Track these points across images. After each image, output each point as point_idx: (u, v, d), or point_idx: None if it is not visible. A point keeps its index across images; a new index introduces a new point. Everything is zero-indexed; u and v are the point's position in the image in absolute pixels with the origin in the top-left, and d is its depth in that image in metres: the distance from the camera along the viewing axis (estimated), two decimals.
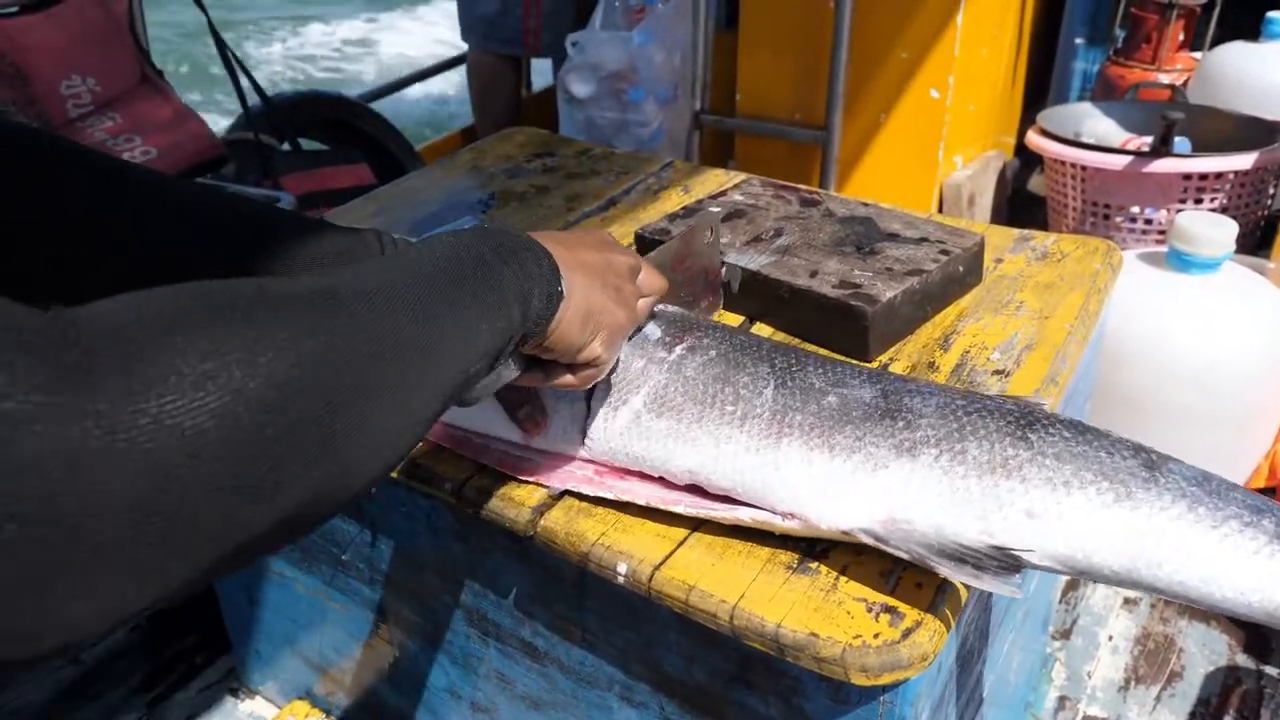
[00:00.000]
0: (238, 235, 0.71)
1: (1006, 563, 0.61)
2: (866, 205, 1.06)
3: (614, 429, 0.71)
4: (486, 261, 0.54)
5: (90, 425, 0.31)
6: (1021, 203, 2.71)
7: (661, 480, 0.72)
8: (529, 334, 0.57)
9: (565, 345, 0.60)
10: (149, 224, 0.68)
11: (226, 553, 0.37)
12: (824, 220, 1.02)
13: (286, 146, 2.37)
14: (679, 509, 0.70)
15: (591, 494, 0.73)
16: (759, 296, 0.94)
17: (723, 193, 1.09)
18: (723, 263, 0.95)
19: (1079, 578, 0.64)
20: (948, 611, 0.63)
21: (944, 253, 0.95)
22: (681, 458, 0.69)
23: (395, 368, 0.44)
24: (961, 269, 0.96)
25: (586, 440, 0.72)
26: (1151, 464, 0.64)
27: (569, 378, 0.64)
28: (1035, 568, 0.63)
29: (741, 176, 1.20)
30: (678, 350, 0.73)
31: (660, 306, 0.80)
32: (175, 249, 0.70)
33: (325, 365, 0.40)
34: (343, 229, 0.75)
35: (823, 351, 0.90)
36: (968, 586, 0.66)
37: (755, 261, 0.94)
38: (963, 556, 0.61)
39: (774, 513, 0.67)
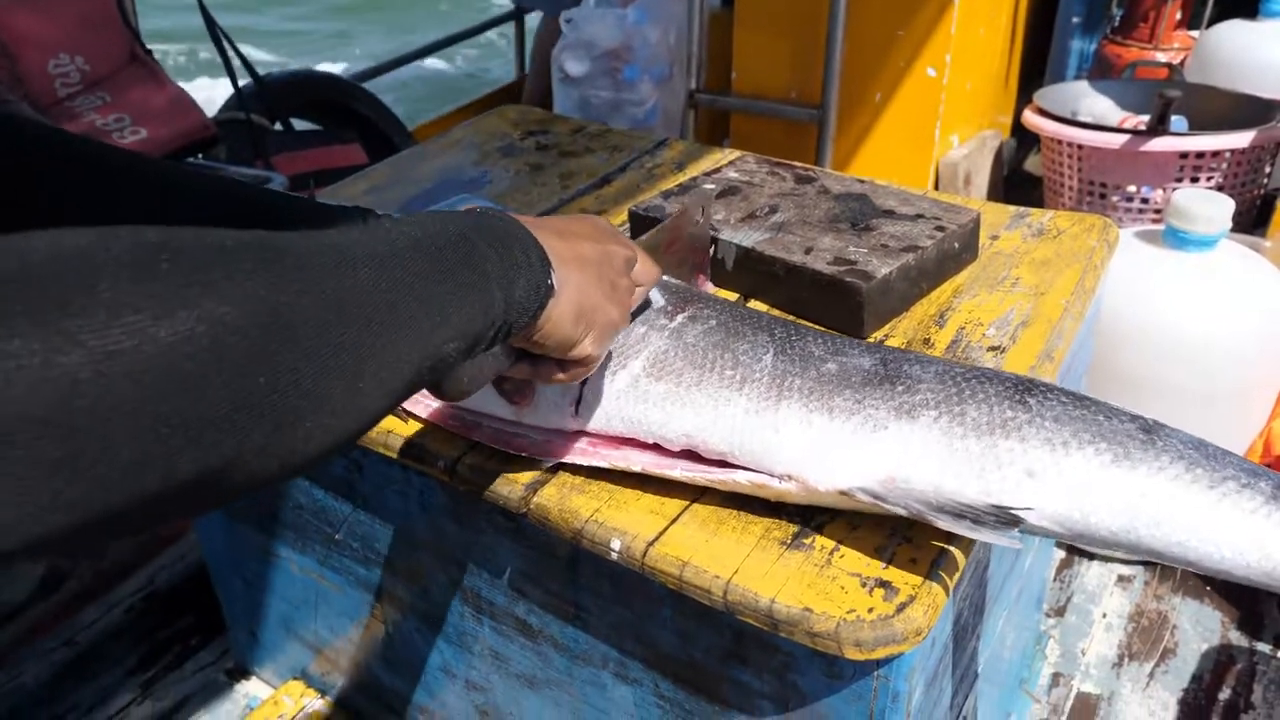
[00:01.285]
0: (221, 216, 0.70)
1: (1005, 519, 0.61)
2: (862, 182, 1.05)
3: (611, 393, 0.71)
4: (469, 240, 0.51)
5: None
6: (1018, 182, 2.71)
7: (656, 447, 0.71)
8: (513, 324, 0.54)
9: (556, 341, 0.58)
10: (130, 208, 0.68)
11: (145, 491, 0.35)
12: (819, 197, 1.01)
13: (279, 126, 2.35)
14: (675, 474, 0.70)
15: (586, 465, 0.72)
16: (753, 273, 0.93)
17: (717, 169, 1.08)
18: (715, 240, 0.94)
19: (1077, 542, 0.64)
20: (942, 586, 0.63)
21: (939, 229, 0.94)
22: (679, 420, 0.69)
23: (349, 331, 0.42)
24: (957, 245, 0.96)
25: (581, 406, 0.72)
26: (1149, 428, 0.64)
27: (559, 374, 0.63)
28: (1033, 530, 0.63)
29: (737, 153, 1.20)
30: (679, 318, 0.73)
31: (663, 277, 0.80)
32: None
33: (267, 312, 0.38)
34: (332, 207, 0.74)
35: (819, 328, 0.90)
36: (965, 553, 0.66)
37: (749, 238, 0.94)
38: (961, 513, 0.61)
39: (771, 475, 0.67)
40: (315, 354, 0.40)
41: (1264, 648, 1.31)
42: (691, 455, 0.70)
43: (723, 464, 0.69)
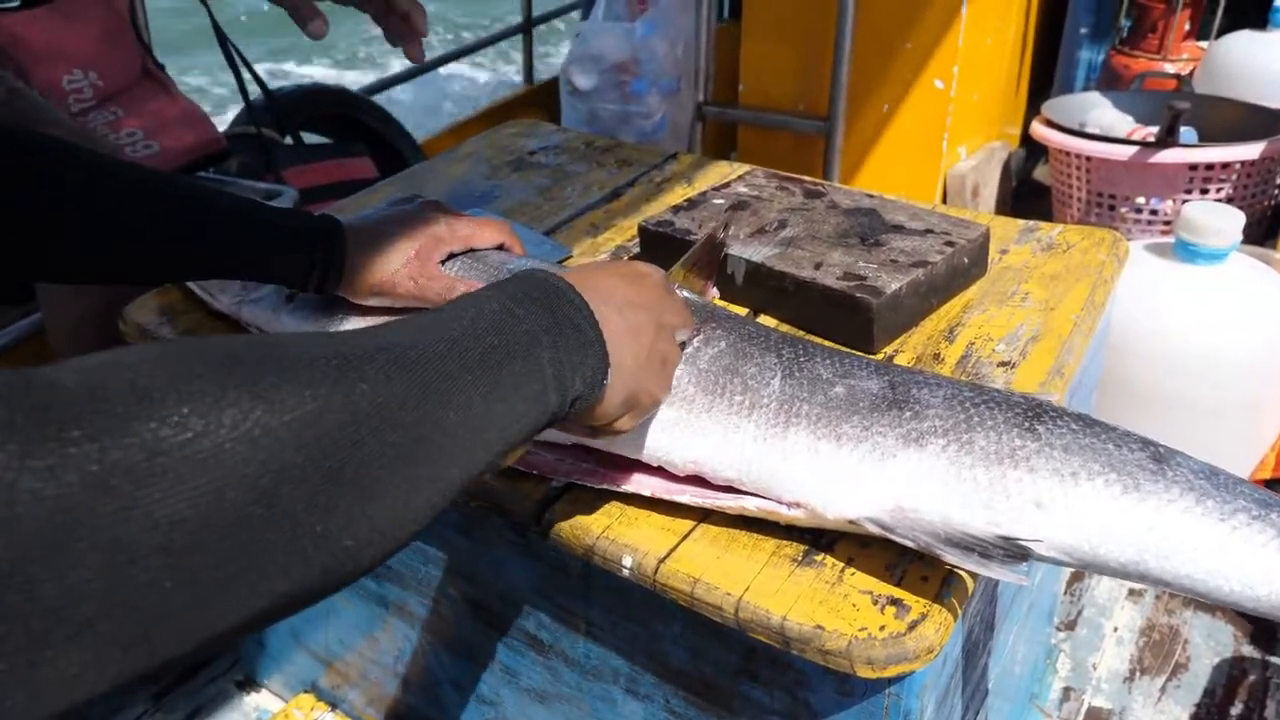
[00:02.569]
0: (179, 218, 0.71)
1: (1013, 552, 0.60)
2: (871, 196, 1.05)
3: None
4: (536, 340, 0.50)
5: (52, 502, 0.28)
6: (1026, 194, 2.70)
7: (662, 471, 0.71)
8: (564, 417, 0.54)
9: (597, 420, 0.59)
10: (106, 214, 0.69)
11: (185, 649, 0.33)
12: (828, 212, 1.01)
13: (289, 140, 2.36)
14: (684, 499, 0.70)
15: (595, 486, 0.72)
16: (763, 288, 0.94)
17: (726, 184, 1.09)
18: (726, 254, 0.95)
19: (1086, 570, 0.64)
20: (953, 604, 0.63)
21: (949, 244, 0.94)
22: (687, 447, 0.69)
23: (409, 464, 0.40)
24: (967, 260, 0.96)
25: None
26: (1159, 457, 0.63)
27: (589, 439, 0.63)
28: (1042, 559, 0.63)
29: (746, 168, 1.20)
30: (694, 342, 0.73)
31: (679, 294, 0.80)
32: (143, 242, 0.72)
33: (330, 454, 0.36)
34: (291, 214, 0.77)
35: (827, 344, 0.90)
36: (974, 577, 0.65)
37: (759, 253, 0.94)
38: (969, 545, 0.60)
39: (780, 502, 0.67)
40: (380, 495, 0.39)
41: (1277, 661, 1.30)
42: (699, 480, 0.70)
43: (731, 489, 0.69)
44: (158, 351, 0.35)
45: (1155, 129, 2.09)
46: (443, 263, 0.81)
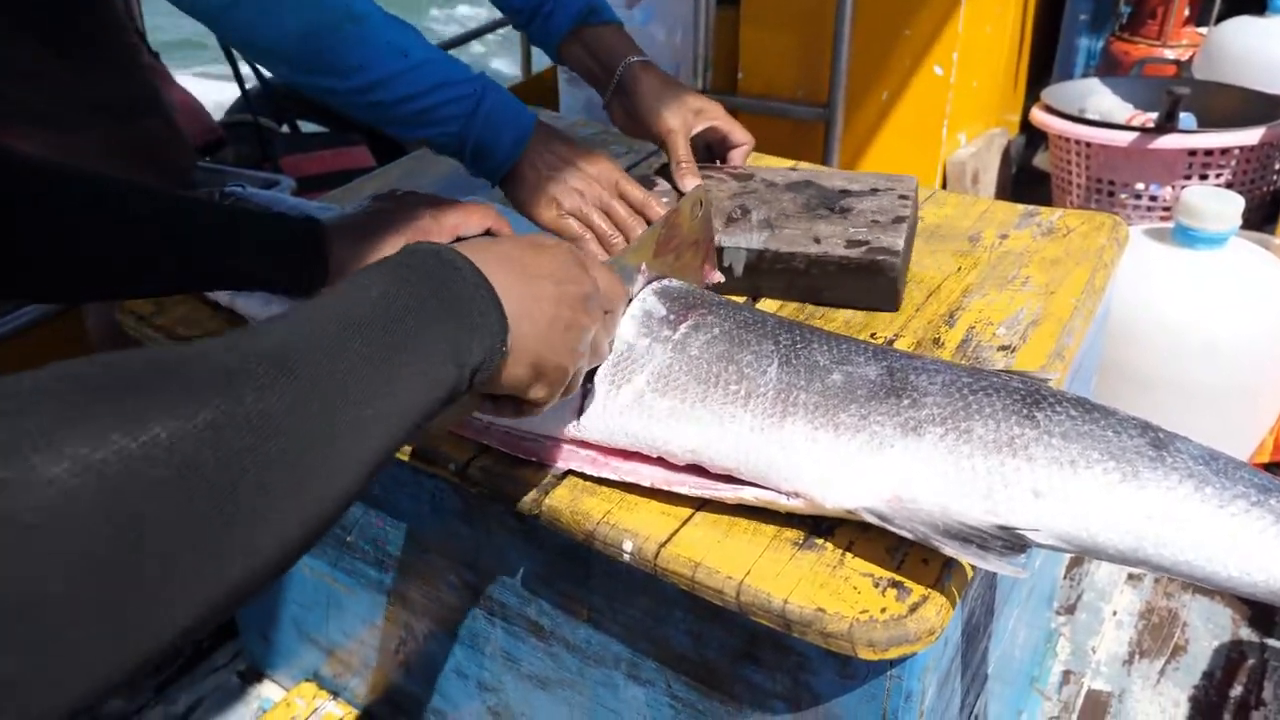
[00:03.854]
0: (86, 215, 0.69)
1: (1012, 542, 0.60)
2: (795, 169, 1.06)
3: (615, 408, 0.71)
4: (426, 308, 0.49)
5: None
6: (1026, 180, 2.70)
7: (662, 461, 0.71)
8: (468, 387, 0.52)
9: (506, 388, 0.57)
10: (67, 233, 0.68)
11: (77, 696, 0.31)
12: (773, 190, 1.01)
13: (285, 129, 2.36)
14: (683, 489, 0.70)
15: (595, 474, 0.72)
16: (769, 273, 0.94)
17: (649, 177, 1.05)
18: (721, 248, 0.94)
19: (1084, 556, 0.64)
20: (954, 587, 0.63)
21: (903, 198, 0.97)
22: (684, 437, 0.69)
23: (305, 468, 0.39)
24: (919, 213, 1.01)
25: (585, 420, 0.72)
26: (1159, 443, 0.63)
27: (500, 413, 0.61)
28: (1041, 547, 0.63)
29: (660, 159, 1.19)
30: (682, 329, 0.73)
31: (664, 283, 0.79)
32: (109, 263, 0.70)
33: (214, 472, 0.35)
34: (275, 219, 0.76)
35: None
36: (974, 566, 0.65)
37: (755, 240, 0.94)
38: (968, 536, 0.60)
39: (779, 492, 0.67)
40: (278, 498, 0.37)
41: (1275, 644, 1.31)
42: (698, 470, 0.70)
43: (730, 479, 0.69)
44: (30, 385, 0.33)
45: (1155, 115, 2.09)
46: None
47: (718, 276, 0.95)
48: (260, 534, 0.37)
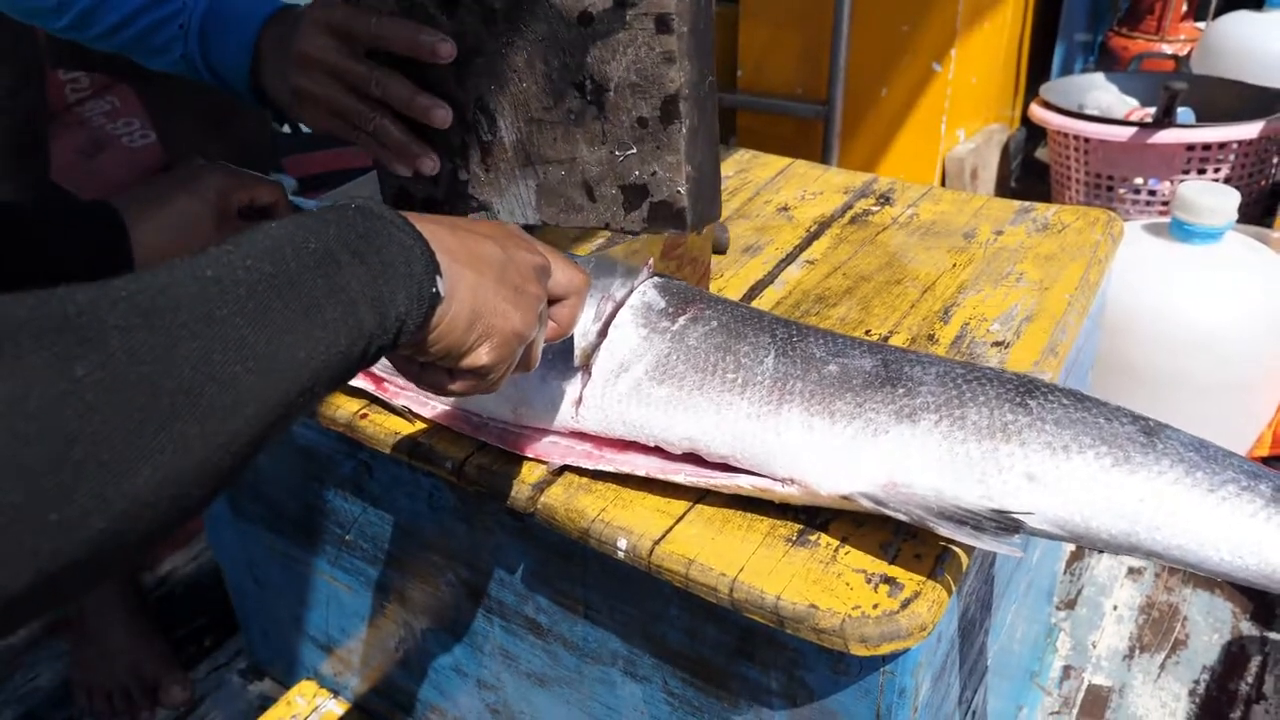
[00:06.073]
0: None
1: (1006, 524, 0.61)
2: None
3: (613, 396, 0.71)
4: (333, 258, 0.44)
5: None
6: (1025, 175, 2.70)
7: (659, 451, 0.72)
8: (396, 337, 0.47)
9: (445, 348, 0.52)
10: None
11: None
12: (489, 30, 0.76)
13: (286, 129, 2.36)
14: (679, 479, 0.70)
15: (591, 468, 0.73)
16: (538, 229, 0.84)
17: None
18: (486, 205, 0.85)
19: (1078, 543, 0.65)
20: (947, 581, 0.63)
21: (662, 29, 0.70)
22: (681, 424, 0.70)
23: (167, 423, 0.35)
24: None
25: (582, 409, 0.72)
26: (1150, 430, 0.64)
27: (449, 385, 0.56)
28: (1034, 532, 0.64)
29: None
30: (681, 320, 0.73)
31: (664, 279, 0.80)
32: None
33: (49, 432, 0.31)
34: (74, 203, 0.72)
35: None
36: (969, 554, 0.66)
37: (525, 206, 0.83)
38: (962, 519, 0.61)
39: (774, 479, 0.67)
40: (149, 456, 0.34)
41: (1277, 638, 1.31)
42: (695, 459, 0.71)
43: (726, 468, 0.69)
44: None
45: (1153, 110, 2.09)
46: (246, 217, 0.78)
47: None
48: (104, 507, 0.33)
